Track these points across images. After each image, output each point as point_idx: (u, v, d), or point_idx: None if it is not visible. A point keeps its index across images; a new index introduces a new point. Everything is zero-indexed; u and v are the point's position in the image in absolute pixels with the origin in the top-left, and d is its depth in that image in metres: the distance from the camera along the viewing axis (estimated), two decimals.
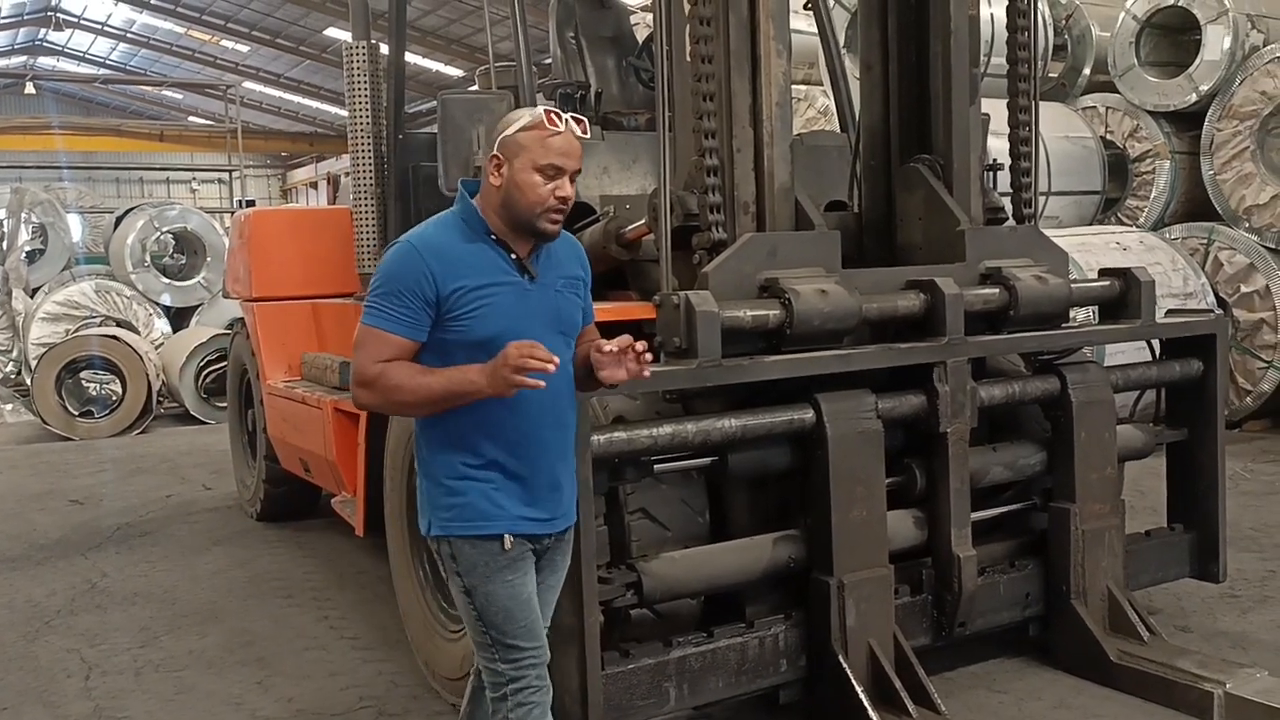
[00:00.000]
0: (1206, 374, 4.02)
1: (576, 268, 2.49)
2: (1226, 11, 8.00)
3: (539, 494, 2.37)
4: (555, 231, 2.35)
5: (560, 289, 2.41)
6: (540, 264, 2.38)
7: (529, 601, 2.39)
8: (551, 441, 2.39)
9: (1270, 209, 7.84)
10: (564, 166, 2.30)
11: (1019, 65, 4.04)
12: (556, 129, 2.30)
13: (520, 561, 2.37)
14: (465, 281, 2.28)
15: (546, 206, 2.30)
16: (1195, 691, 3.36)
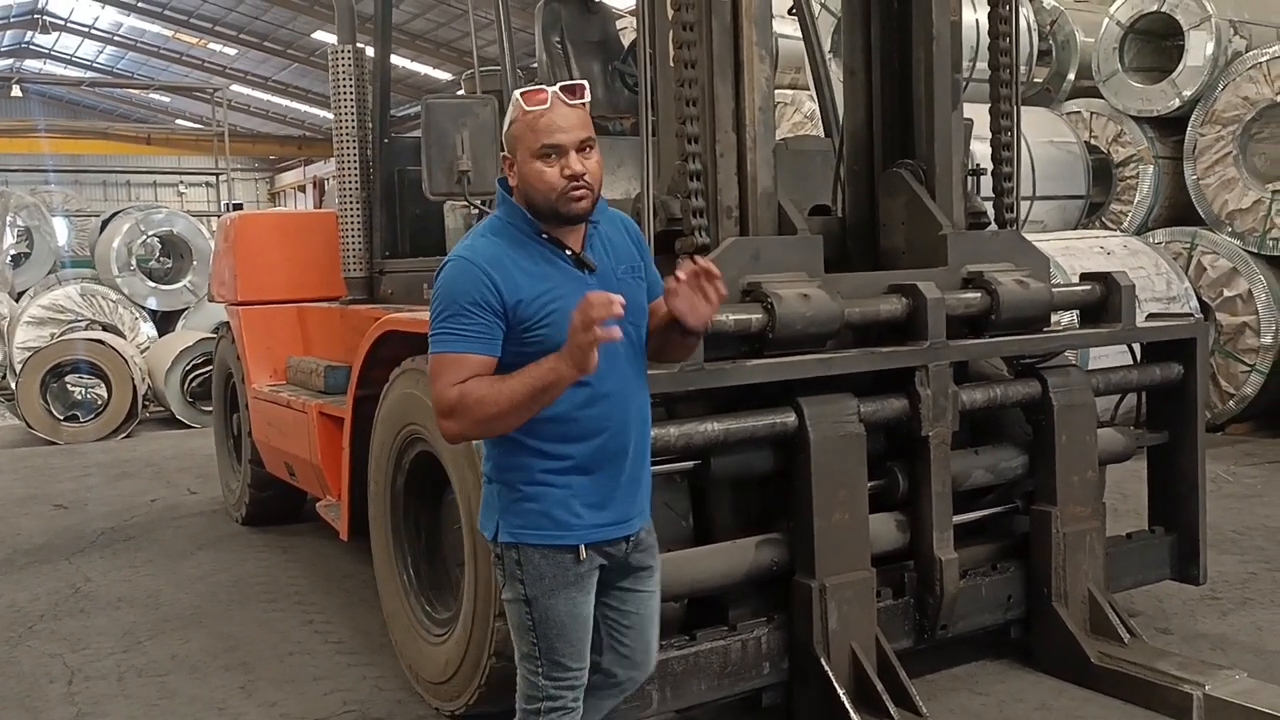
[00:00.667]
0: (1187, 377, 4.04)
1: (632, 247, 2.37)
2: (1209, 17, 8.05)
3: (617, 493, 2.28)
4: (583, 210, 2.21)
5: (622, 276, 2.30)
6: (596, 253, 2.28)
7: (586, 621, 2.31)
8: (634, 434, 2.29)
9: (1252, 213, 7.89)
10: (561, 143, 2.17)
11: (1001, 70, 4.07)
12: (540, 107, 2.18)
13: (587, 579, 2.29)
14: (526, 291, 2.18)
15: (560, 190, 2.18)
16: (1175, 693, 3.38)
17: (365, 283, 5.36)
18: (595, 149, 2.23)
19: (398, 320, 3.85)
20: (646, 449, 2.38)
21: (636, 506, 2.34)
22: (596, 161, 2.23)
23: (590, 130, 2.23)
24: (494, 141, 3.77)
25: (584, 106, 2.23)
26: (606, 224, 2.34)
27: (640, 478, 2.35)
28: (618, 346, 2.17)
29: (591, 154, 2.21)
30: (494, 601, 3.21)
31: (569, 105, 2.20)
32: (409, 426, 3.74)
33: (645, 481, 2.38)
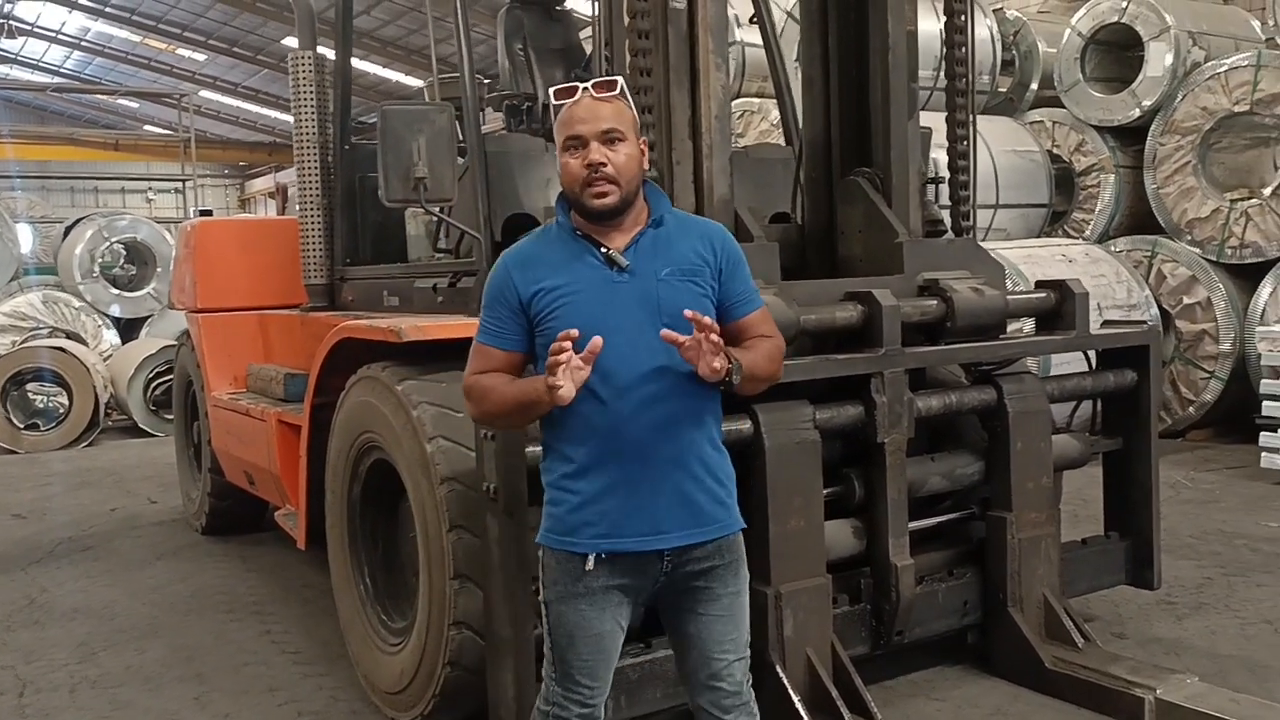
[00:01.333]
0: (1140, 384, 4.08)
1: (698, 254, 2.27)
2: (1168, 29, 8.16)
3: (640, 503, 2.20)
4: (603, 205, 2.19)
5: (665, 278, 2.22)
6: (640, 253, 2.24)
7: (597, 639, 2.27)
8: (657, 446, 2.18)
9: (1211, 222, 8.00)
10: (582, 134, 2.19)
11: (957, 80, 4.10)
12: (570, 99, 2.22)
13: (602, 595, 2.24)
14: (545, 283, 2.23)
15: (581, 181, 2.19)
16: (1127, 698, 3.40)
17: (326, 290, 5.33)
18: (627, 143, 2.20)
19: (354, 328, 3.83)
20: (692, 459, 2.23)
21: (682, 520, 2.22)
22: (626, 155, 2.20)
23: (620, 124, 2.20)
24: (450, 148, 3.77)
25: (615, 100, 2.22)
26: (676, 229, 2.30)
27: (685, 489, 2.22)
28: (641, 355, 2.17)
29: (620, 147, 2.19)
30: (449, 610, 3.20)
31: (596, 98, 2.21)
32: (365, 434, 3.71)
33: (694, 495, 2.24)
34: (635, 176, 2.23)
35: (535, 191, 4.29)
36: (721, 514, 2.28)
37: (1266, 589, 4.66)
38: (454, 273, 4.19)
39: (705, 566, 2.27)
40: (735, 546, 2.32)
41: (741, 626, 2.34)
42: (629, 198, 2.23)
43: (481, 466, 2.93)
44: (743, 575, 2.34)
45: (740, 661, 2.35)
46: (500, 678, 2.93)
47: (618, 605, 2.27)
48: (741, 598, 2.33)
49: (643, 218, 2.30)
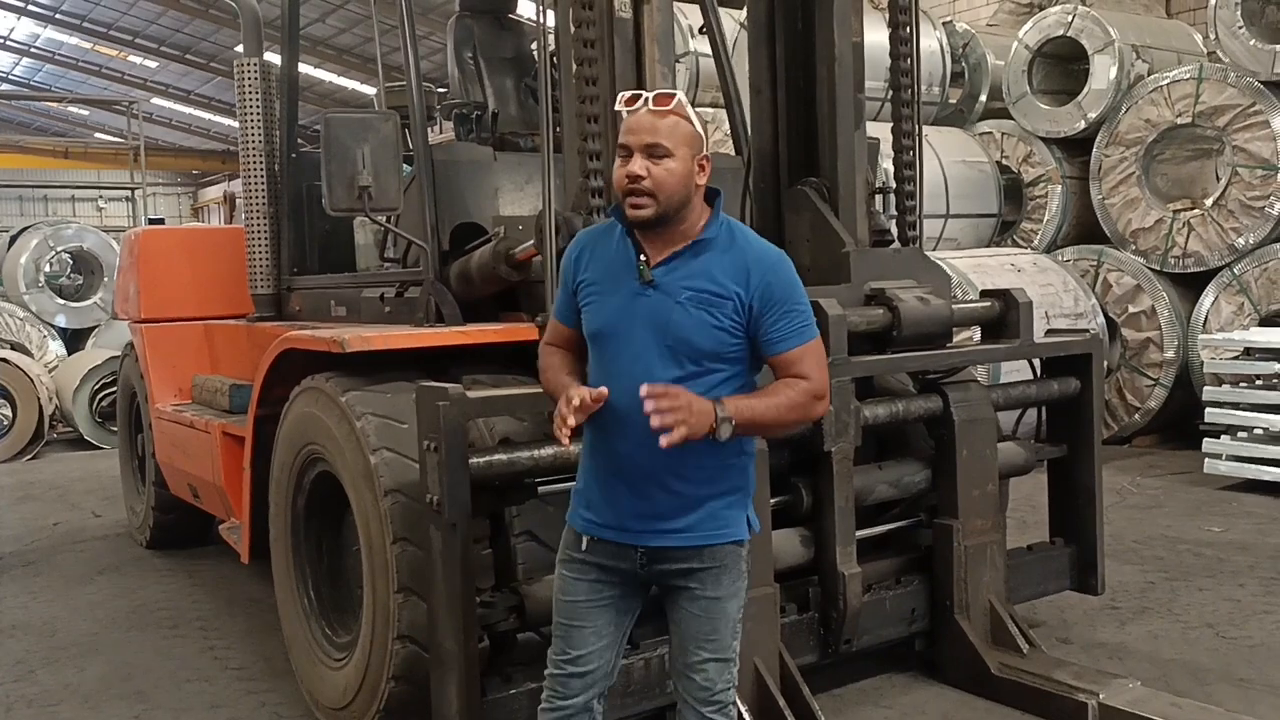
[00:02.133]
0: (1084, 392, 4.13)
1: (727, 283, 2.22)
2: (1112, 42, 8.30)
3: (621, 499, 2.30)
4: (637, 218, 2.22)
5: (684, 301, 2.21)
6: (671, 271, 2.24)
7: (572, 608, 2.38)
8: (645, 454, 2.20)
9: (1155, 232, 8.13)
10: (629, 144, 2.21)
11: (902, 90, 4.13)
12: (629, 108, 2.25)
13: (588, 569, 2.36)
14: (590, 274, 2.34)
15: (623, 190, 2.23)
16: (1070, 703, 3.44)
17: (273, 299, 5.27)
18: (674, 158, 2.19)
19: (297, 338, 3.78)
20: (681, 468, 2.25)
21: (657, 523, 2.28)
22: (668, 170, 2.19)
23: (670, 139, 2.19)
24: (395, 157, 3.74)
25: (671, 114, 2.22)
26: (720, 252, 2.25)
27: (664, 497, 2.27)
28: (644, 365, 2.21)
29: (663, 162, 2.19)
30: (393, 624, 3.16)
31: (653, 110, 2.22)
32: (309, 446, 3.66)
33: (673, 503, 2.27)
34: (677, 192, 2.21)
35: (484, 201, 4.28)
36: (703, 523, 2.30)
37: (1208, 593, 4.73)
38: (401, 282, 4.16)
39: (684, 568, 2.32)
40: (719, 554, 2.32)
41: (721, 630, 2.35)
42: (667, 213, 2.22)
43: (425, 478, 2.90)
44: (725, 583, 2.33)
45: (716, 663, 2.35)
46: (444, 691, 2.90)
47: (595, 581, 2.36)
48: (722, 604, 2.34)
49: (692, 234, 2.27)
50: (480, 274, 3.85)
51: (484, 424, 3.24)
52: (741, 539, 2.36)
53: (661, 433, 2.09)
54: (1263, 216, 7.58)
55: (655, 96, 2.24)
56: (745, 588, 2.40)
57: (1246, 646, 4.09)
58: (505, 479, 3.02)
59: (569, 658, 2.39)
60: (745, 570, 2.39)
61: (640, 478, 2.28)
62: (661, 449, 2.11)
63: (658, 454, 2.16)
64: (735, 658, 2.41)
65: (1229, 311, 7.73)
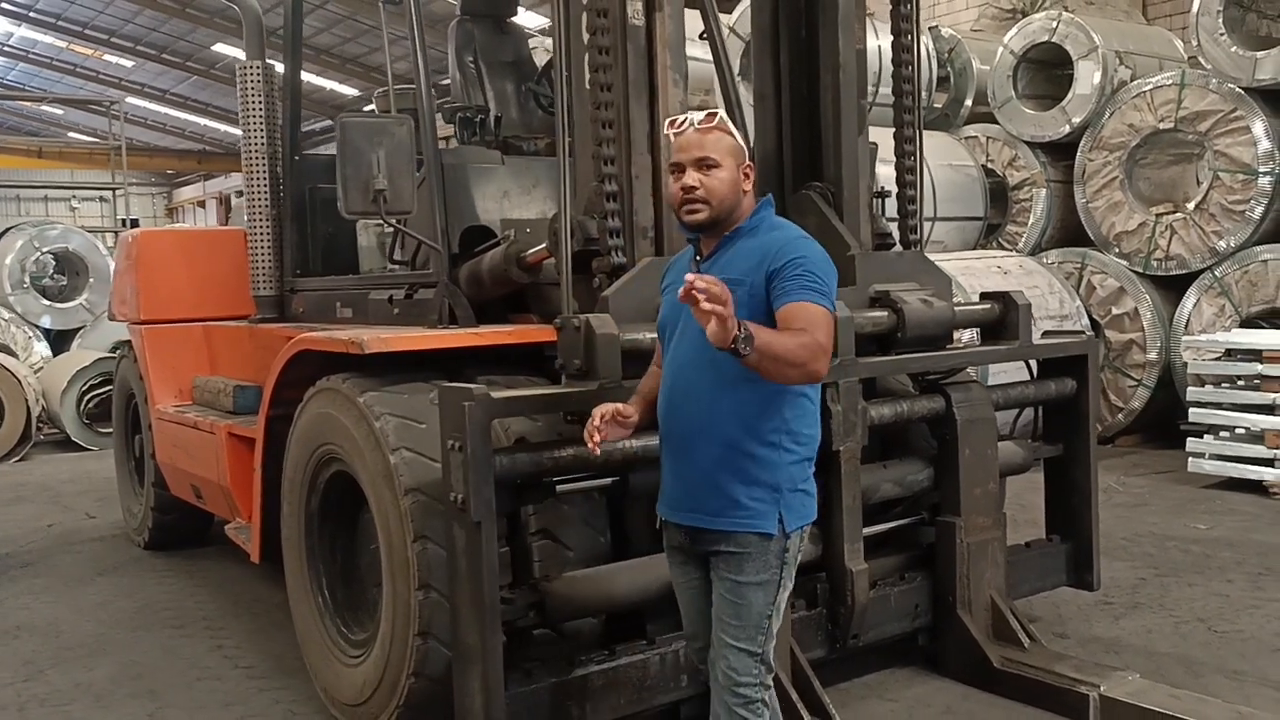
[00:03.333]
0: (1080, 392, 4.23)
1: (751, 263, 2.46)
2: (1096, 48, 8.44)
3: (679, 482, 2.54)
4: (694, 221, 2.51)
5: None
6: (715, 261, 2.53)
7: (677, 590, 2.71)
8: (689, 437, 2.48)
9: (1138, 235, 8.28)
10: (681, 161, 2.50)
11: (904, 98, 4.22)
12: (676, 130, 2.53)
13: (672, 551, 2.67)
14: (666, 282, 2.72)
15: (678, 201, 2.51)
16: (1072, 695, 3.53)
17: (275, 301, 5.30)
18: (721, 168, 2.48)
19: (312, 339, 3.82)
20: (724, 453, 2.45)
21: (690, 502, 2.52)
22: (716, 179, 2.47)
23: (716, 152, 2.48)
24: (409, 160, 3.79)
25: (714, 130, 2.49)
26: (751, 240, 2.52)
27: (695, 478, 2.49)
28: (687, 352, 2.47)
29: (712, 172, 2.47)
30: (413, 621, 3.21)
31: (698, 129, 2.50)
32: (324, 446, 3.70)
33: (710, 485, 2.47)
34: (727, 197, 2.49)
35: (491, 204, 4.33)
36: (728, 509, 2.46)
37: (1198, 588, 4.85)
38: (410, 284, 4.20)
39: (714, 549, 2.52)
40: (743, 541, 2.46)
41: (743, 617, 2.48)
42: (719, 215, 2.50)
43: (448, 477, 2.95)
44: (748, 569, 2.47)
45: (738, 652, 2.49)
46: (468, 686, 2.95)
47: (681, 564, 2.65)
48: (744, 589, 2.47)
49: (733, 229, 2.55)
50: (491, 276, 3.91)
51: (500, 424, 3.30)
52: (768, 532, 2.46)
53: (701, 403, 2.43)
54: (1243, 220, 7.74)
55: (700, 116, 2.51)
56: (777, 585, 2.50)
57: (1238, 640, 4.20)
58: (526, 478, 3.08)
59: (689, 634, 2.74)
60: (778, 565, 2.49)
61: (685, 459, 2.51)
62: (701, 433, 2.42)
63: (709, 435, 2.43)
64: (762, 654, 2.50)
65: (1210, 313, 7.88)
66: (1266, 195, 7.61)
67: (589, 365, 3.12)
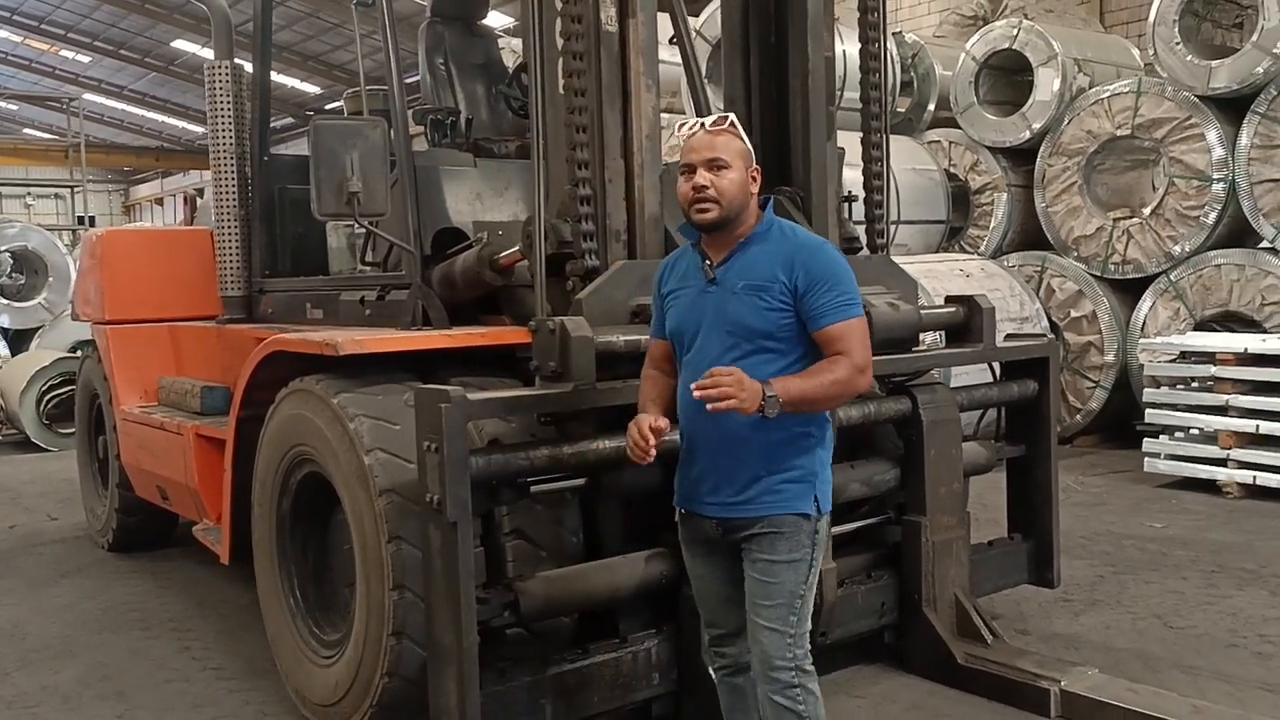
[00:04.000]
0: (1041, 394, 4.33)
1: (773, 271, 2.52)
2: (1056, 55, 8.59)
3: (700, 474, 2.61)
4: (704, 221, 2.54)
5: (739, 291, 2.52)
6: (730, 267, 2.56)
7: (698, 580, 2.76)
8: (712, 434, 2.54)
9: (1096, 239, 8.43)
10: (692, 161, 2.54)
11: (871, 104, 4.29)
12: (689, 132, 2.58)
13: (689, 545, 2.73)
14: (669, 286, 2.71)
15: (688, 201, 2.55)
16: (1034, 689, 3.61)
17: (243, 301, 5.28)
18: (731, 169, 2.52)
19: (286, 340, 3.82)
20: (746, 446, 2.52)
21: (723, 494, 2.58)
22: (727, 180, 2.52)
23: (726, 153, 2.53)
24: (383, 163, 3.81)
25: (725, 133, 2.56)
26: (769, 246, 2.56)
27: (722, 473, 2.56)
28: (711, 352, 2.52)
29: (723, 173, 2.52)
30: (387, 620, 3.23)
31: (709, 132, 2.56)
32: (297, 447, 3.71)
33: (737, 477, 2.55)
34: (737, 198, 2.54)
35: (463, 206, 4.34)
36: (762, 496, 2.55)
37: (1154, 585, 4.97)
38: (383, 286, 4.21)
39: (748, 534, 2.59)
40: (778, 522, 2.55)
41: (775, 597, 2.55)
42: (729, 216, 2.54)
43: (424, 478, 2.97)
44: (781, 548, 2.55)
45: (771, 633, 2.55)
46: (443, 685, 2.98)
47: (705, 556, 2.71)
48: (776, 568, 2.55)
49: (746, 234, 2.59)
50: (464, 278, 3.93)
51: (473, 425, 3.32)
52: (805, 512, 2.57)
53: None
54: (1197, 225, 7.91)
55: (711, 120, 2.58)
56: (808, 565, 2.58)
57: (1193, 636, 4.32)
58: (500, 479, 3.11)
59: (708, 622, 2.79)
60: (809, 545, 2.58)
61: (714, 454, 2.56)
62: (728, 430, 2.48)
63: (730, 431, 2.50)
64: (798, 636, 2.57)
65: (1165, 316, 8.04)
66: (1220, 201, 7.78)
67: (564, 367, 3.16)
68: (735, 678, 2.80)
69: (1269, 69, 7.42)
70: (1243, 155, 7.64)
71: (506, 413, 3.29)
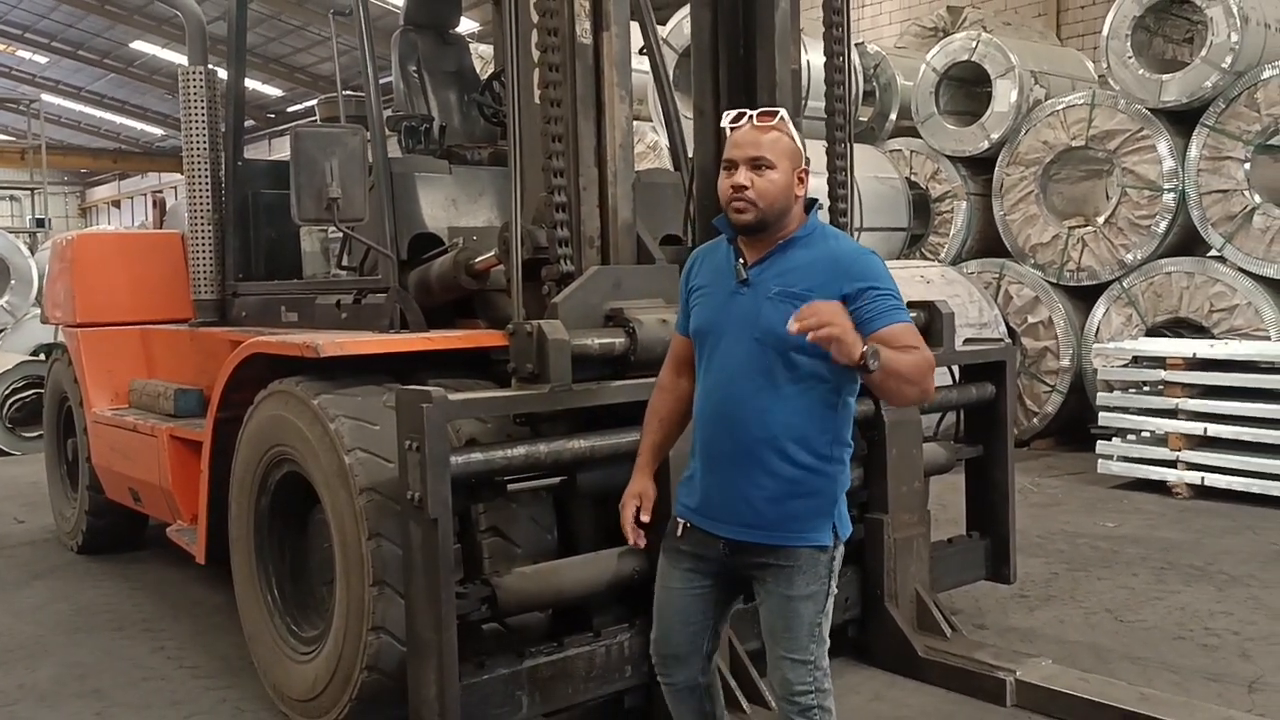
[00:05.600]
0: (999, 396, 4.48)
1: (813, 278, 2.35)
2: (1013, 68, 8.81)
3: (715, 491, 2.48)
4: (742, 221, 2.41)
5: (773, 296, 2.37)
6: (765, 270, 2.42)
7: (666, 594, 2.61)
8: (732, 447, 2.41)
9: (1052, 247, 8.65)
10: (735, 158, 2.41)
11: (836, 115, 4.42)
12: (734, 125, 2.44)
13: (682, 558, 2.57)
14: (698, 280, 2.57)
15: (727, 199, 2.42)
16: (990, 680, 3.76)
17: (217, 305, 5.33)
18: (775, 170, 2.38)
19: (265, 343, 3.89)
20: (770, 464, 2.38)
21: (738, 516, 2.44)
22: (769, 180, 2.38)
23: (772, 153, 2.38)
24: (362, 169, 3.88)
25: (773, 129, 2.41)
26: (809, 251, 2.41)
27: (750, 491, 2.40)
28: (736, 360, 2.41)
29: (765, 173, 2.38)
30: (367, 616, 3.30)
31: (756, 126, 2.42)
32: (276, 448, 3.77)
33: (757, 498, 2.40)
34: (777, 200, 2.39)
35: (439, 211, 4.43)
36: (783, 523, 2.42)
37: (1106, 582, 5.14)
38: (359, 289, 4.29)
39: (761, 562, 2.46)
40: (795, 555, 2.42)
41: (794, 629, 2.44)
42: (767, 218, 2.40)
43: (404, 476, 3.06)
44: (799, 583, 2.42)
45: (791, 663, 2.45)
46: (423, 677, 3.06)
47: (690, 570, 2.56)
48: (795, 604, 2.43)
49: (787, 237, 2.45)
50: (440, 283, 4.02)
51: (450, 425, 3.41)
52: (823, 544, 2.44)
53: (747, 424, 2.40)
54: (1149, 234, 8.14)
55: (759, 113, 2.43)
56: (827, 592, 2.47)
57: (1142, 629, 4.49)
58: (478, 477, 3.20)
59: (660, 640, 2.64)
60: (826, 575, 2.46)
61: (730, 471, 2.43)
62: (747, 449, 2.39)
63: (753, 446, 2.39)
64: (816, 660, 2.46)
65: (1119, 322, 8.27)
66: (1170, 211, 8.02)
67: (541, 369, 3.26)
68: (678, 697, 2.70)
69: (1217, 83, 7.66)
70: (1192, 166, 7.88)
71: (486, 413, 3.38)
